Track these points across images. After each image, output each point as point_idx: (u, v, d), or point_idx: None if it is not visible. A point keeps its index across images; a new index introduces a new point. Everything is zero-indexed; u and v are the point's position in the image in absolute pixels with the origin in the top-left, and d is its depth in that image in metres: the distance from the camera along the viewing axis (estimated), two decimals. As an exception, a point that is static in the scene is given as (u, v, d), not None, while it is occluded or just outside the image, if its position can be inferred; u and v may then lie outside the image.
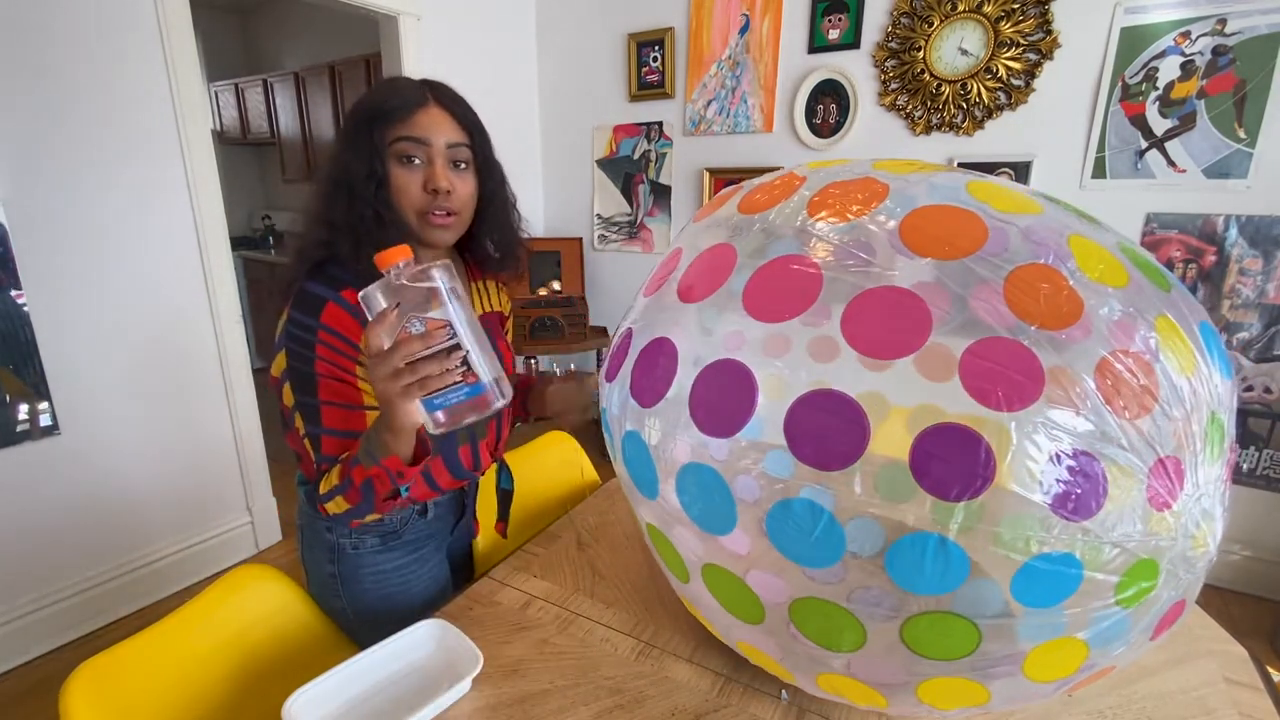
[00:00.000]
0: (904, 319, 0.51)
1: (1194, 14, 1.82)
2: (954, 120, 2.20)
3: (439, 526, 0.96)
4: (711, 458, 0.57)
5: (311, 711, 0.66)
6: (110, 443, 1.80)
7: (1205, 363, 0.51)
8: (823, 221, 0.58)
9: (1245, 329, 1.90)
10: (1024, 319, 0.49)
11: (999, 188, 0.59)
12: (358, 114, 0.77)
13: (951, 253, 0.52)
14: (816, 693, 0.65)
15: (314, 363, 0.73)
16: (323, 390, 0.74)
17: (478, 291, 0.95)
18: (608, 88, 2.90)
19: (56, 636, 1.75)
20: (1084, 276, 0.50)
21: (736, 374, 0.55)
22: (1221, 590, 2.03)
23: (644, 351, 0.63)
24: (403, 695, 0.70)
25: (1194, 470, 0.49)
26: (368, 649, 0.72)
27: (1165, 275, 0.56)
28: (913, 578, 0.50)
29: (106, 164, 1.71)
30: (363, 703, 0.69)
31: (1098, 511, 0.47)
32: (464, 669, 0.70)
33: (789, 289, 0.56)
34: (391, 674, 0.72)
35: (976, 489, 0.47)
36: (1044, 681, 0.54)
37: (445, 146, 0.78)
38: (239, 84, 4.16)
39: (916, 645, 0.53)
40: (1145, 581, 0.49)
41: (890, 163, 0.65)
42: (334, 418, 0.74)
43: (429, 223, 0.78)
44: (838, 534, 0.52)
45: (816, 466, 0.52)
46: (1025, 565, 0.48)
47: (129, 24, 1.71)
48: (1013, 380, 0.47)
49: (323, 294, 0.75)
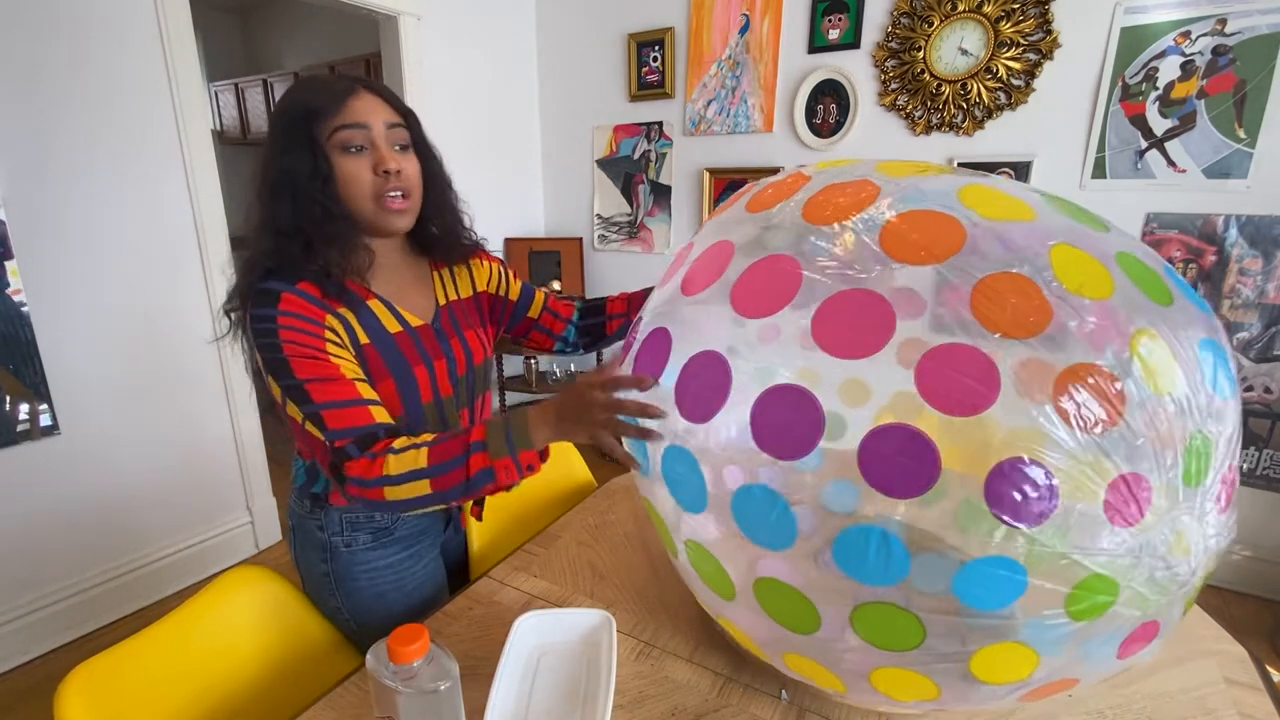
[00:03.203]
0: (869, 322, 0.52)
1: (1194, 14, 1.82)
2: (954, 120, 2.20)
3: (431, 522, 0.95)
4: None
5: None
6: (110, 443, 1.80)
7: (1192, 381, 0.50)
8: (814, 224, 0.59)
9: (1245, 329, 1.90)
10: (987, 327, 0.49)
11: (994, 192, 0.59)
12: (288, 114, 0.76)
13: (926, 258, 0.53)
14: (785, 671, 0.67)
15: (281, 347, 0.72)
16: (298, 370, 0.72)
17: (440, 282, 0.92)
18: (608, 88, 2.90)
19: (56, 636, 1.75)
20: (1060, 287, 0.50)
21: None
22: (1221, 590, 2.03)
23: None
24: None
25: (1166, 491, 0.48)
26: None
27: (1169, 289, 0.54)
28: (858, 567, 0.52)
29: (106, 164, 1.71)
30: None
31: (1043, 520, 0.47)
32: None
33: (774, 289, 0.57)
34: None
35: (919, 489, 0.48)
36: (995, 684, 0.54)
37: (386, 128, 0.77)
38: (239, 84, 4.16)
39: (866, 634, 0.54)
40: (1102, 596, 0.49)
41: (894, 165, 0.65)
42: (322, 392, 0.73)
43: (386, 208, 0.78)
44: (791, 518, 0.54)
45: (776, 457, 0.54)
46: (967, 565, 0.49)
47: (129, 24, 1.71)
48: (967, 386, 0.48)
49: (277, 287, 0.74)
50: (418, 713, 0.56)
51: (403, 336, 0.82)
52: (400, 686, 0.55)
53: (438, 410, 0.87)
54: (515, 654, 0.72)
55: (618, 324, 1.03)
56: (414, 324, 0.85)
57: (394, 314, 0.83)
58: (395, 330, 0.82)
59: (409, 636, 0.56)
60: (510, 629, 0.73)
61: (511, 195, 3.03)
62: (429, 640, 0.57)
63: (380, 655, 0.57)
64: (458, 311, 0.92)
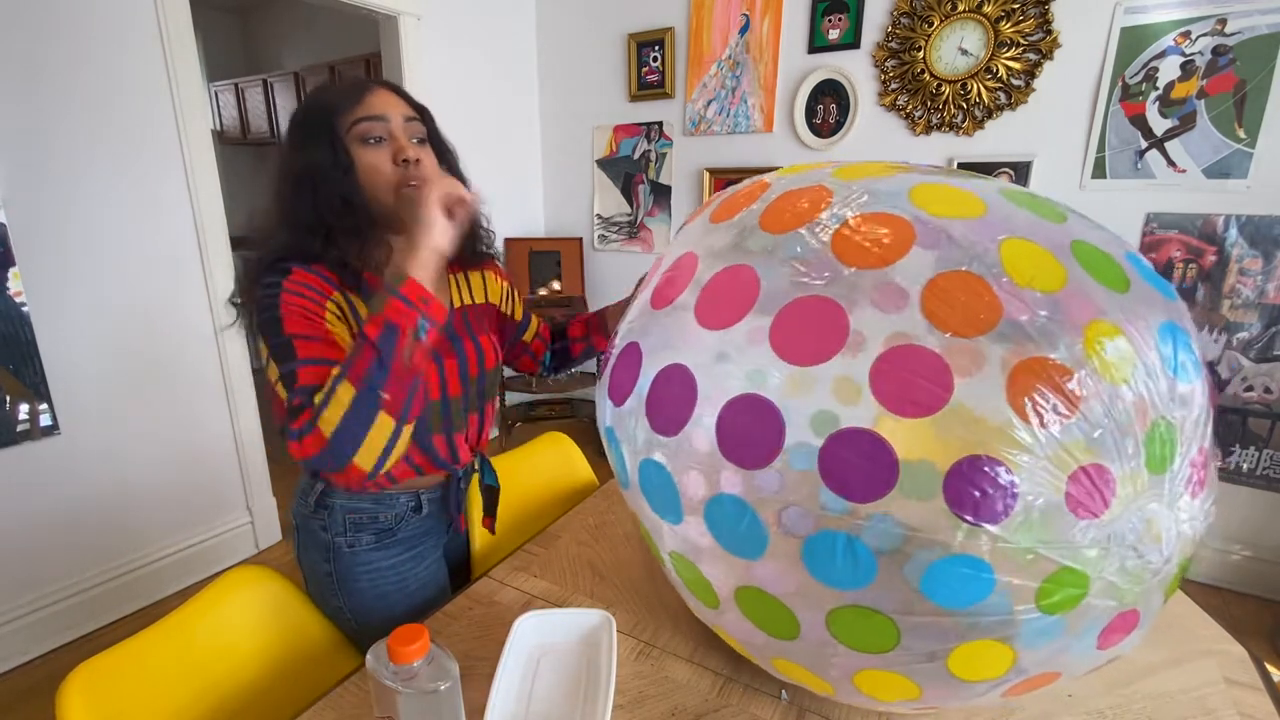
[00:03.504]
0: (824, 328, 0.52)
1: (1194, 14, 1.82)
2: (954, 120, 2.20)
3: (433, 523, 0.95)
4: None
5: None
6: (110, 443, 1.80)
7: (1149, 367, 0.49)
8: (771, 232, 0.60)
9: (1245, 329, 1.90)
10: (938, 326, 0.49)
11: (945, 189, 0.59)
12: (309, 112, 0.79)
13: (876, 261, 0.53)
14: (774, 673, 0.67)
15: (279, 306, 0.71)
16: (289, 325, 0.71)
17: (456, 285, 0.93)
18: (608, 88, 2.90)
19: (56, 636, 1.75)
20: (1010, 282, 0.50)
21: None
22: (1221, 590, 2.03)
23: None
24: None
25: (1130, 480, 0.48)
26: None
27: (1126, 274, 0.53)
28: (827, 572, 0.52)
29: (106, 164, 1.71)
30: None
31: (1005, 517, 0.46)
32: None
33: (734, 299, 0.58)
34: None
35: (879, 492, 0.48)
36: (974, 681, 0.54)
37: (404, 120, 0.80)
38: (239, 84, 4.16)
39: (843, 638, 0.54)
40: (1072, 589, 0.49)
41: (852, 167, 0.65)
42: (306, 348, 0.70)
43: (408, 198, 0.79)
44: (760, 526, 0.55)
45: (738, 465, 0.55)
46: (933, 565, 0.49)
47: (129, 24, 1.71)
48: (921, 386, 0.48)
49: (290, 265, 0.74)
50: (418, 713, 0.56)
51: None
52: (400, 686, 0.55)
53: (444, 409, 0.87)
54: (515, 654, 0.72)
55: (580, 347, 1.04)
56: None
57: None
58: None
59: (409, 636, 0.56)
60: (510, 629, 0.73)
61: (511, 195, 3.03)
62: (429, 640, 0.57)
63: (380, 655, 0.57)
64: (471, 315, 0.93)
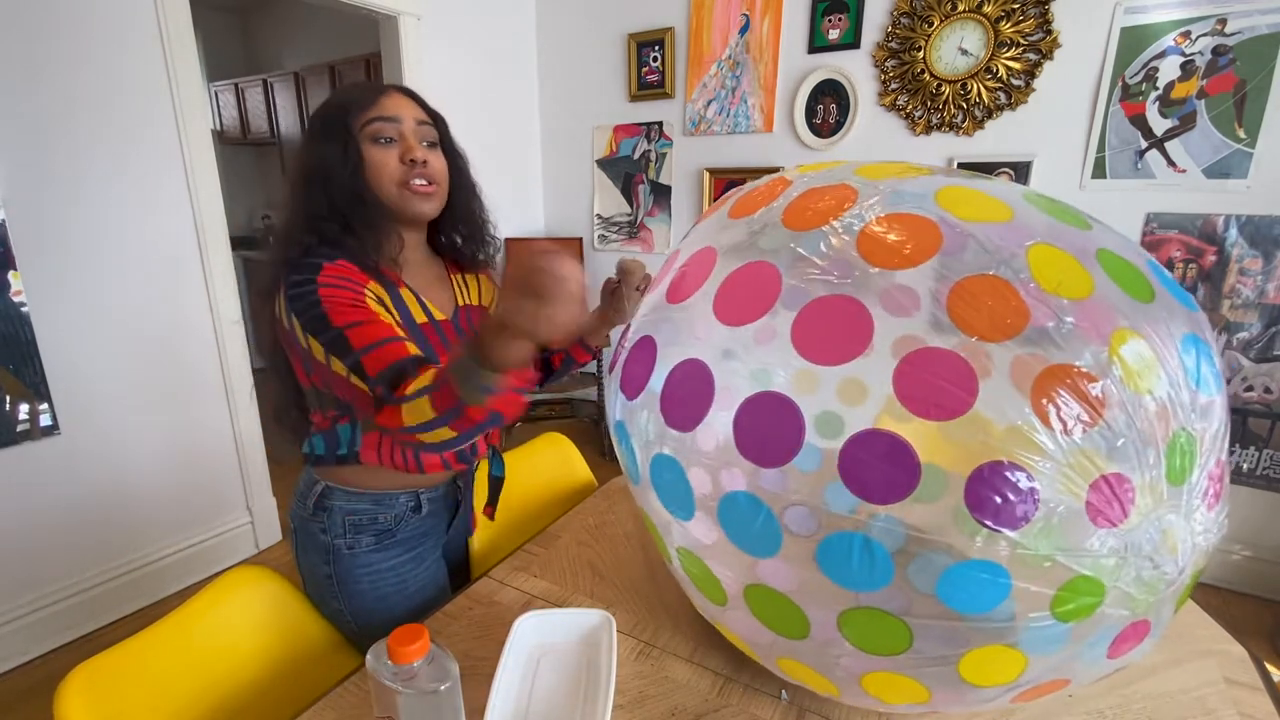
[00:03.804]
0: (848, 327, 0.52)
1: (1194, 14, 1.82)
2: (954, 120, 2.20)
3: (434, 524, 0.95)
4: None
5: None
6: (110, 443, 1.80)
7: (1174, 378, 0.49)
8: (794, 229, 0.59)
9: (1245, 329, 1.90)
10: (964, 330, 0.49)
11: (971, 193, 0.58)
12: (326, 111, 0.82)
13: (902, 263, 0.52)
14: (777, 673, 0.67)
15: (320, 302, 0.72)
16: (335, 317, 0.72)
17: (457, 285, 0.94)
18: (608, 88, 2.90)
19: (56, 636, 1.74)
20: (1038, 288, 0.49)
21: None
22: (1221, 590, 2.03)
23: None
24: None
25: (1150, 490, 0.48)
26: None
27: (1151, 285, 0.53)
28: (842, 573, 0.51)
29: (106, 164, 1.71)
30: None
31: (1025, 524, 0.46)
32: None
33: (755, 295, 0.57)
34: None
35: (899, 495, 0.48)
36: (985, 686, 0.54)
37: (415, 124, 0.82)
38: (239, 84, 4.16)
39: (854, 639, 0.54)
40: (1088, 598, 0.48)
41: (874, 167, 0.65)
42: (360, 335, 0.71)
43: (412, 191, 0.81)
44: (775, 524, 0.54)
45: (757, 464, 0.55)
46: (950, 569, 0.48)
47: (129, 24, 1.71)
48: (945, 389, 0.47)
49: (318, 260, 0.76)
50: (418, 713, 0.56)
51: (428, 328, 0.84)
52: (400, 687, 0.55)
53: None
54: (515, 654, 0.72)
55: (559, 358, 1.04)
56: (438, 317, 0.86)
57: (421, 305, 0.85)
58: (421, 321, 0.84)
59: (409, 637, 0.56)
60: (510, 629, 0.73)
61: (511, 195, 3.03)
62: (429, 640, 0.57)
63: (380, 655, 0.57)
64: (475, 316, 0.94)
